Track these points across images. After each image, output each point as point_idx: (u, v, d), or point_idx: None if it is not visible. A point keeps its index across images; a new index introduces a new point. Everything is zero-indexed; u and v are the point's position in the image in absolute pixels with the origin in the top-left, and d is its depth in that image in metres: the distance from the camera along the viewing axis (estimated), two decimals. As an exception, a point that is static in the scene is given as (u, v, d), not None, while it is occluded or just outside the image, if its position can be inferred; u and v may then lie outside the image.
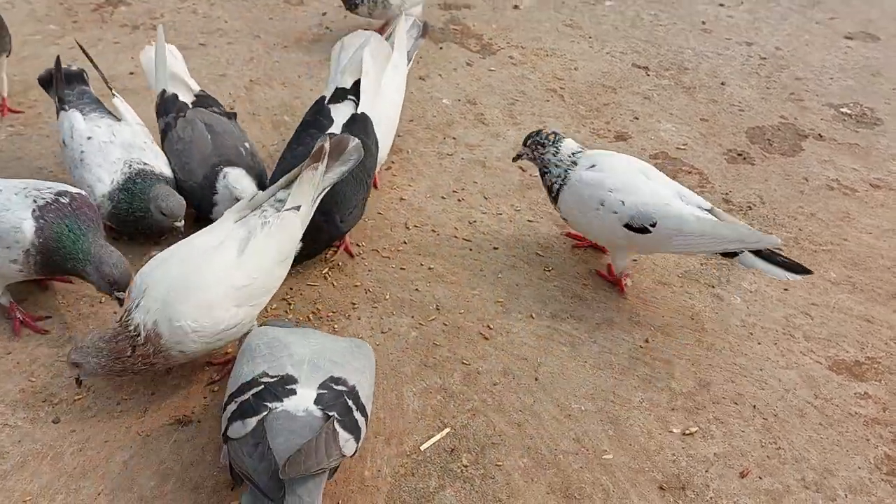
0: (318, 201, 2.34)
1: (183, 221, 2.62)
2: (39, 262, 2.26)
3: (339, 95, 2.85)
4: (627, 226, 2.51)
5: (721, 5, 4.84)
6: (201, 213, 2.78)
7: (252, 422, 1.81)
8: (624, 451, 2.21)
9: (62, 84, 2.82)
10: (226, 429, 1.86)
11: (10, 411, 2.19)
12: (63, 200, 2.31)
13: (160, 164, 2.73)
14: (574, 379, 2.41)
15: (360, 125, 2.75)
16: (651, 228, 2.48)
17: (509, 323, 2.59)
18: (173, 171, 2.79)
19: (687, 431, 2.27)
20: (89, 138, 2.68)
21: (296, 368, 1.92)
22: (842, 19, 4.76)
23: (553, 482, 2.11)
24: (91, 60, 3.02)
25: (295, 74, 3.84)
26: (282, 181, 2.31)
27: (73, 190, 2.39)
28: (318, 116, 2.79)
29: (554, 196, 2.69)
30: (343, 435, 1.81)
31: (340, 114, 2.79)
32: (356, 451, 1.88)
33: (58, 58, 2.84)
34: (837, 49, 4.42)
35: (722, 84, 4.03)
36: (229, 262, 2.13)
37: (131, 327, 2.06)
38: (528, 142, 2.74)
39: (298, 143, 2.73)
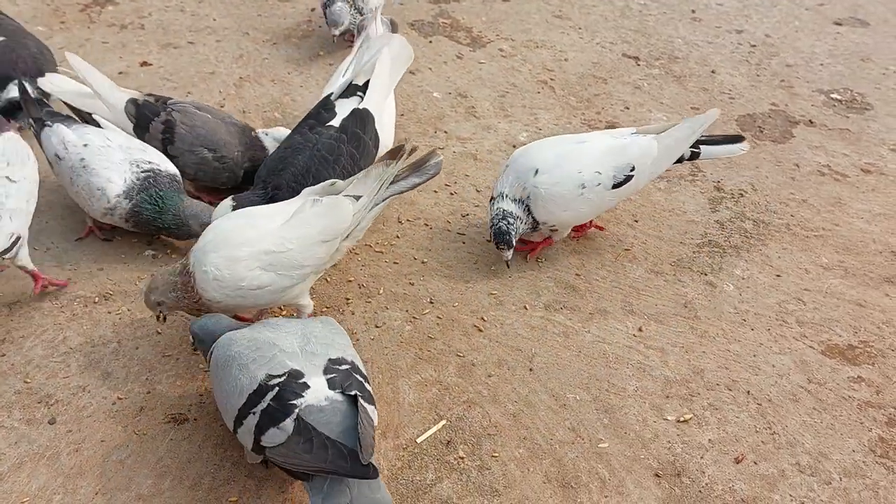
0: (381, 200, 2.31)
1: None
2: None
3: (350, 91, 2.86)
4: (615, 186, 2.64)
5: (710, -7, 4.83)
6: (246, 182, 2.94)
7: (288, 424, 1.82)
8: (619, 440, 2.22)
9: (34, 106, 2.79)
10: (256, 441, 1.86)
11: (5, 413, 2.19)
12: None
13: (164, 163, 2.74)
14: (568, 369, 2.42)
15: (359, 120, 2.75)
16: (632, 173, 2.64)
17: (503, 314, 2.59)
18: (202, 157, 2.87)
19: (681, 418, 2.28)
20: (86, 145, 2.66)
21: (295, 361, 1.92)
22: (831, 5, 4.76)
23: (549, 471, 2.12)
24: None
25: (285, 71, 3.84)
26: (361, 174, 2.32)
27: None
28: (320, 109, 2.81)
29: (534, 224, 2.66)
30: (370, 408, 1.89)
31: (345, 108, 2.79)
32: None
33: (21, 82, 2.87)
34: (827, 35, 4.43)
35: (712, 72, 4.03)
36: (269, 229, 2.22)
37: (185, 264, 2.24)
38: (502, 245, 2.62)
39: (294, 133, 2.78)
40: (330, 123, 2.73)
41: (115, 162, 2.64)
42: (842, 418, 2.30)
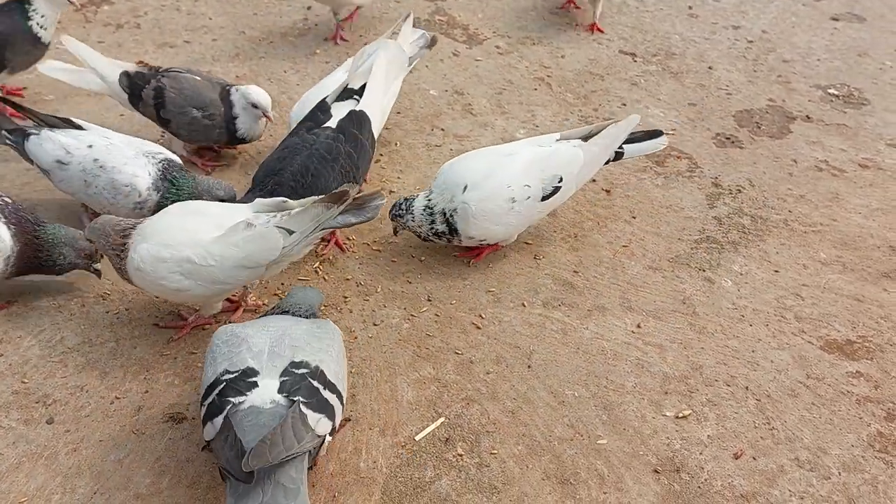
0: (314, 236, 2.25)
1: None
2: None
3: (345, 94, 2.87)
4: (544, 198, 2.64)
5: (707, -11, 4.83)
6: (227, 139, 3.05)
7: (219, 420, 1.82)
8: (618, 436, 2.21)
9: (3, 118, 2.76)
10: (203, 434, 1.87)
11: (3, 413, 2.19)
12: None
13: (165, 150, 2.74)
14: (567, 365, 2.42)
15: (356, 121, 2.76)
16: (560, 183, 2.65)
17: (501, 312, 2.59)
18: (192, 117, 2.98)
19: (680, 415, 2.28)
20: (90, 146, 2.62)
21: (256, 360, 1.92)
22: (828, 0, 4.76)
23: (548, 468, 2.12)
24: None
25: (281, 69, 3.83)
26: (316, 199, 2.25)
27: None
28: (316, 111, 2.81)
29: (453, 233, 2.63)
30: (313, 416, 1.82)
31: (341, 110, 2.80)
32: (334, 428, 1.89)
33: None
34: (824, 30, 4.42)
35: (709, 68, 4.03)
36: (199, 238, 2.21)
37: (129, 233, 2.30)
38: (390, 214, 2.70)
39: (291, 135, 2.78)
40: (326, 125, 2.74)
41: (131, 157, 2.62)
42: (840, 413, 2.30)
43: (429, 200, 2.65)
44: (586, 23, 4.29)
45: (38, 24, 3.20)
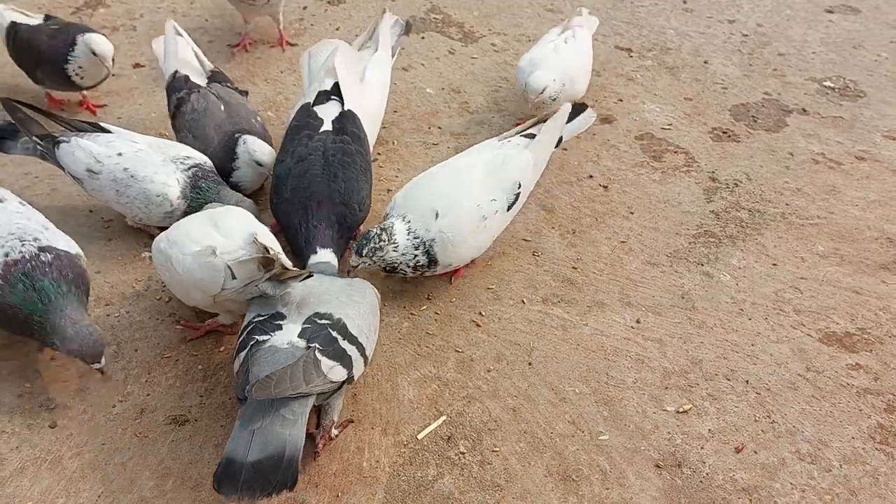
0: (251, 288, 2.14)
1: None
2: None
3: (322, 97, 2.89)
4: (509, 207, 2.62)
5: (702, -16, 4.83)
6: (221, 177, 2.88)
7: (243, 355, 1.97)
8: (619, 432, 2.22)
9: (34, 124, 2.69)
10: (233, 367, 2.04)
11: (6, 418, 2.19)
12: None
13: (194, 153, 2.74)
14: (567, 362, 2.42)
15: (350, 120, 2.80)
16: (520, 189, 2.64)
17: (501, 309, 2.60)
18: (185, 141, 2.89)
19: (681, 409, 2.29)
20: (120, 154, 2.61)
21: (286, 308, 2.09)
22: (822, -7, 4.76)
23: (550, 465, 2.13)
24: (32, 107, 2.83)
25: (277, 70, 3.83)
26: (257, 257, 2.12)
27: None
28: (307, 119, 2.80)
29: (431, 263, 2.50)
30: (327, 362, 1.94)
31: (328, 113, 2.83)
32: (350, 377, 2.00)
33: (8, 102, 2.68)
34: (819, 23, 4.43)
35: (705, 63, 4.03)
36: (190, 247, 2.21)
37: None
38: (365, 252, 2.43)
39: (295, 145, 2.72)
40: (324, 129, 2.75)
41: (159, 164, 2.62)
42: (841, 406, 2.31)
43: (409, 224, 2.47)
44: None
45: (74, 70, 3.20)
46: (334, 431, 2.15)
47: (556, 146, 2.85)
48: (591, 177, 3.21)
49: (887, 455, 2.17)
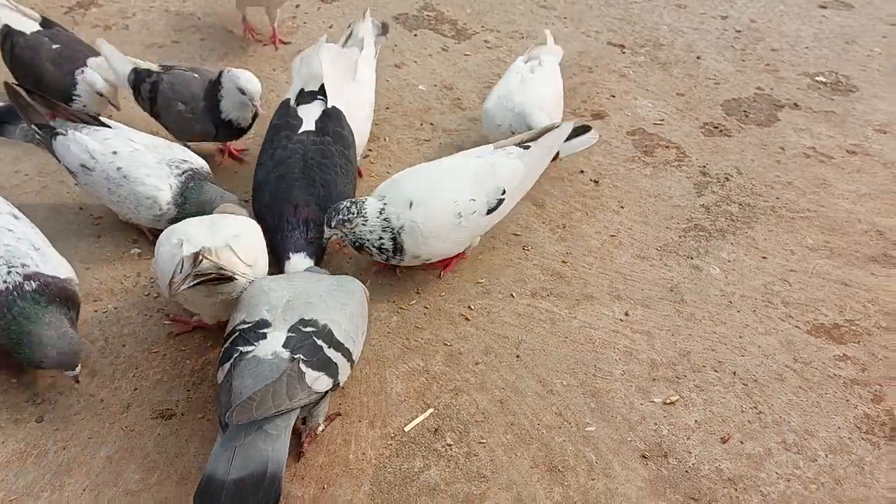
0: (190, 282, 2.09)
1: None
2: None
3: (307, 97, 2.88)
4: (489, 211, 2.57)
5: (695, -20, 4.83)
6: (213, 123, 2.97)
7: (227, 366, 1.93)
8: (606, 423, 2.22)
9: (34, 113, 2.67)
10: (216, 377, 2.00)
11: (-7, 412, 2.20)
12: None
13: (192, 156, 2.73)
14: (555, 355, 2.42)
15: (333, 118, 2.79)
16: (504, 196, 2.59)
17: (490, 303, 2.60)
18: (178, 111, 2.98)
19: (668, 401, 2.28)
20: (115, 153, 2.60)
21: (271, 313, 2.02)
22: (816, -11, 4.76)
23: (537, 456, 2.13)
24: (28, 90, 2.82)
25: (270, 68, 3.83)
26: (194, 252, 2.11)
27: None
28: (287, 118, 2.80)
29: (396, 251, 2.50)
30: (311, 374, 1.90)
31: (310, 113, 2.81)
32: (336, 384, 1.97)
33: (11, 87, 2.66)
34: (812, 19, 4.43)
35: (697, 58, 4.03)
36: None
37: None
38: (333, 223, 2.47)
39: (275, 147, 2.73)
40: (304, 129, 2.73)
41: (153, 166, 2.59)
42: (827, 396, 2.31)
43: (384, 205, 2.47)
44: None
45: (78, 104, 3.12)
46: (320, 428, 2.14)
47: (554, 160, 2.80)
48: (582, 172, 3.21)
49: (873, 445, 2.17)
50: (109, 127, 2.72)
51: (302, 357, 1.91)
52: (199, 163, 2.72)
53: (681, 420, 2.23)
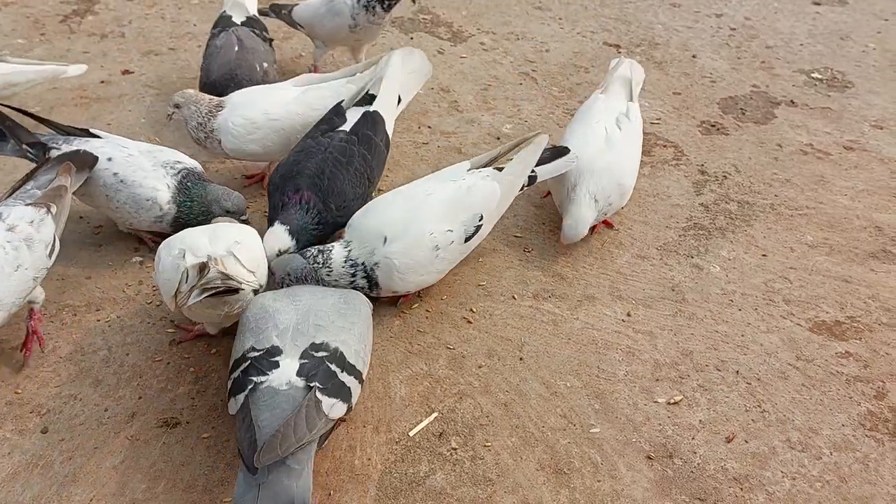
0: (196, 295, 2.08)
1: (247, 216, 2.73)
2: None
3: (364, 100, 2.87)
4: (467, 238, 2.53)
5: (689, -21, 4.85)
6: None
7: (241, 398, 1.90)
8: (611, 424, 2.23)
9: (23, 131, 2.67)
10: (228, 407, 1.97)
11: (-2, 424, 2.19)
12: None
13: (184, 157, 2.74)
14: (558, 356, 2.43)
15: (369, 122, 2.78)
16: (481, 222, 2.54)
17: (492, 305, 2.60)
18: (201, 66, 3.31)
19: (672, 401, 2.29)
20: (110, 160, 2.61)
21: (280, 338, 1.99)
22: (809, -15, 4.78)
23: (542, 458, 2.14)
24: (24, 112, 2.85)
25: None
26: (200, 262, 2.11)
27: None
28: (332, 116, 2.82)
29: (372, 286, 2.45)
30: (327, 402, 1.88)
31: (356, 114, 2.81)
32: (350, 408, 1.96)
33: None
34: (806, 15, 4.44)
35: (693, 57, 4.04)
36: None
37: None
38: (302, 273, 2.42)
39: (307, 137, 2.78)
40: (341, 128, 2.75)
41: (149, 169, 2.62)
42: (831, 393, 2.32)
43: (348, 251, 2.44)
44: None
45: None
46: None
47: (529, 185, 2.70)
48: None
49: (877, 441, 2.18)
50: (100, 137, 2.73)
51: (318, 385, 1.89)
52: (192, 163, 2.74)
53: (685, 420, 2.24)
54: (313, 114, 2.87)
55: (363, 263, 2.42)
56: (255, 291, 2.21)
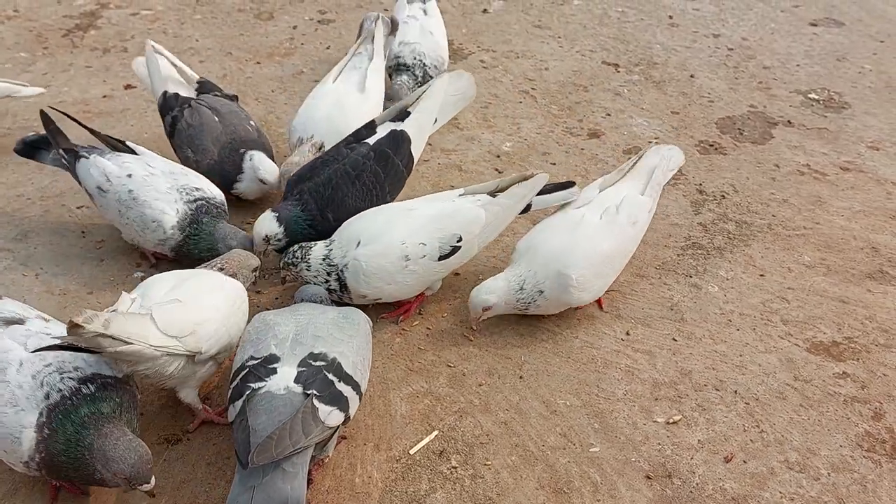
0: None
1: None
2: None
3: (401, 116, 2.87)
4: (442, 257, 2.51)
5: (687, -1, 4.91)
6: (223, 188, 2.89)
7: (239, 404, 1.93)
8: (610, 444, 2.24)
9: (61, 137, 2.73)
10: (227, 415, 2.00)
11: (-2, 440, 2.19)
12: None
13: (208, 186, 2.74)
14: (558, 375, 2.44)
15: (391, 140, 2.79)
16: (460, 243, 2.52)
17: (492, 323, 2.61)
18: (186, 156, 2.97)
19: (671, 420, 2.30)
20: (130, 176, 2.63)
21: (279, 347, 2.03)
22: (806, 6, 4.83)
23: (542, 478, 2.14)
24: (77, 122, 2.92)
25: (268, 89, 3.86)
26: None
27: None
28: (362, 129, 2.85)
29: (342, 289, 2.50)
30: (324, 409, 1.90)
31: (386, 129, 2.83)
32: (347, 418, 1.97)
33: (44, 114, 2.74)
34: (803, 36, 4.49)
35: (691, 77, 4.08)
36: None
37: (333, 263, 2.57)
38: (281, 263, 2.55)
39: (334, 148, 2.83)
40: (366, 141, 2.79)
41: (164, 191, 2.62)
42: (828, 414, 2.33)
43: (329, 251, 2.50)
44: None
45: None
46: (328, 458, 2.14)
47: (524, 212, 2.68)
48: (579, 191, 3.24)
49: (875, 463, 2.19)
50: (135, 153, 2.74)
51: (315, 392, 1.91)
52: (214, 192, 2.73)
53: (684, 440, 2.25)
54: None
55: (336, 264, 2.48)
56: (193, 356, 2.07)
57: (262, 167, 2.94)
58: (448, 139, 3.55)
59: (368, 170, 2.71)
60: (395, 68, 3.55)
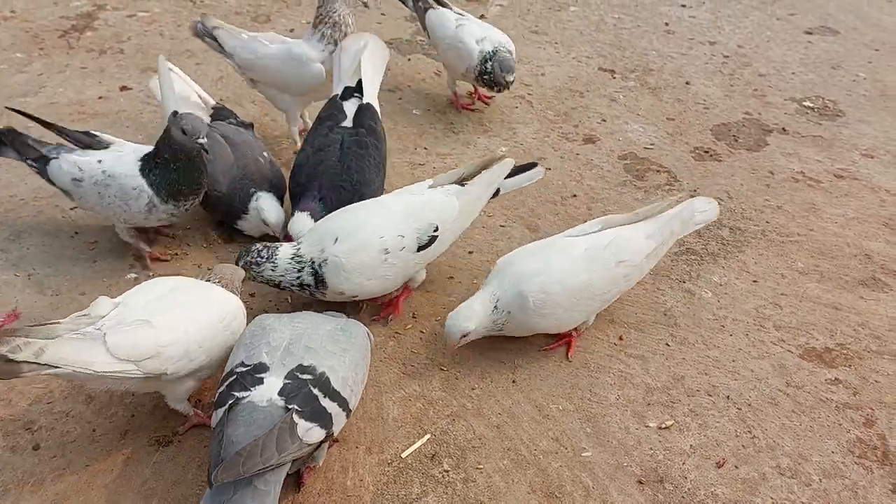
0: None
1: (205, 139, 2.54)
2: None
3: (347, 93, 2.99)
4: (420, 248, 2.51)
5: (683, 6, 4.92)
6: (226, 221, 2.96)
7: (221, 411, 1.89)
8: (602, 448, 2.24)
9: (27, 147, 2.71)
10: (212, 420, 1.96)
11: (-12, 440, 2.19)
12: None
13: None
14: (551, 379, 2.44)
15: (368, 113, 2.93)
16: (436, 233, 2.54)
17: (485, 327, 2.61)
18: None
19: (663, 425, 2.30)
20: (100, 161, 2.65)
21: (270, 356, 1.99)
22: (801, 15, 4.85)
23: (534, 482, 2.14)
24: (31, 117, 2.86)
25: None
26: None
27: None
28: (332, 111, 2.95)
29: (319, 285, 2.46)
30: (304, 425, 1.86)
31: (350, 107, 2.95)
32: (330, 435, 1.94)
33: (11, 129, 2.73)
34: (798, 44, 4.51)
35: (687, 83, 4.09)
36: None
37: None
38: (241, 263, 2.45)
39: (316, 135, 2.90)
40: (344, 123, 2.89)
41: (134, 162, 2.64)
42: (820, 420, 2.34)
43: (296, 250, 2.46)
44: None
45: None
46: (319, 464, 2.13)
47: (493, 196, 2.70)
48: (574, 196, 3.25)
49: (866, 469, 2.19)
50: (102, 140, 2.75)
51: (296, 407, 1.87)
52: None
53: (676, 445, 2.25)
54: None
55: (311, 260, 2.44)
56: (158, 377, 2.04)
57: (267, 212, 2.85)
58: (444, 143, 3.56)
59: (370, 144, 2.84)
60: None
